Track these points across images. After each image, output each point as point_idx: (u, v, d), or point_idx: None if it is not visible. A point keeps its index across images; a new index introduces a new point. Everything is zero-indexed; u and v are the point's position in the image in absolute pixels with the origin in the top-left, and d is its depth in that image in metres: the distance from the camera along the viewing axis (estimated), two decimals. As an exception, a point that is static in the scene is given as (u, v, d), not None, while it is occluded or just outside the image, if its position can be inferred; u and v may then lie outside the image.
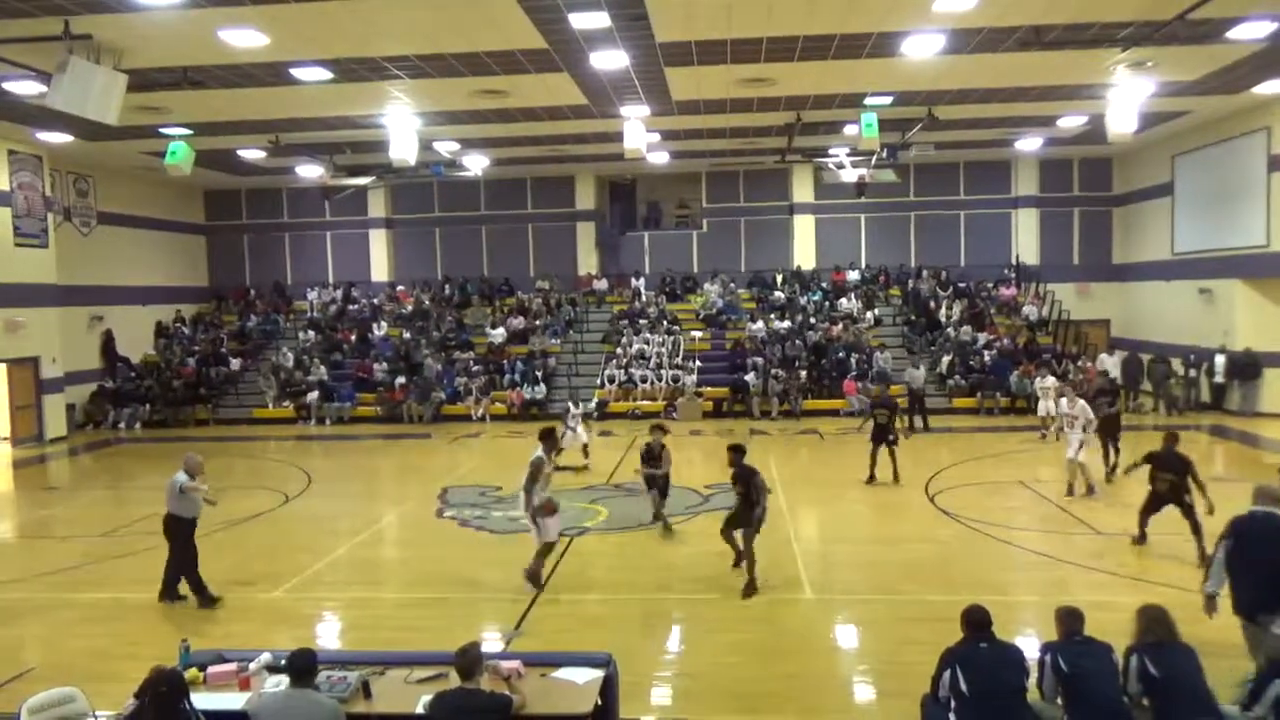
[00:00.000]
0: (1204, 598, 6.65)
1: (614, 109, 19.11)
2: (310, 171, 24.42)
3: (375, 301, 28.83)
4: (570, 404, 18.19)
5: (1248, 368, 21.15)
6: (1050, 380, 18.95)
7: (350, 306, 28.75)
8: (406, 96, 17.76)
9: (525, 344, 26.15)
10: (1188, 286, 23.50)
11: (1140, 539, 10.85)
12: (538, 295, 28.56)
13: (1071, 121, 21.76)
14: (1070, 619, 5.64)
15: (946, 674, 5.40)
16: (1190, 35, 13.93)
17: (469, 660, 5.19)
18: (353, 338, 26.99)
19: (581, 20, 13.36)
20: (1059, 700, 5.39)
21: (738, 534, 9.78)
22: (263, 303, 29.42)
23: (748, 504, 9.61)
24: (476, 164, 24.73)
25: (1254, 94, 19.14)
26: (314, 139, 21.49)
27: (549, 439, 9.96)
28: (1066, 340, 25.14)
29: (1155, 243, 25.47)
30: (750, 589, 9.37)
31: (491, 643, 8.22)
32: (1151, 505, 10.62)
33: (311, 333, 27.43)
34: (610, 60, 15.46)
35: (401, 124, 19.12)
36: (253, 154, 23.37)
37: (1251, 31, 14.21)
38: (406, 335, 26.75)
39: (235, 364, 26.29)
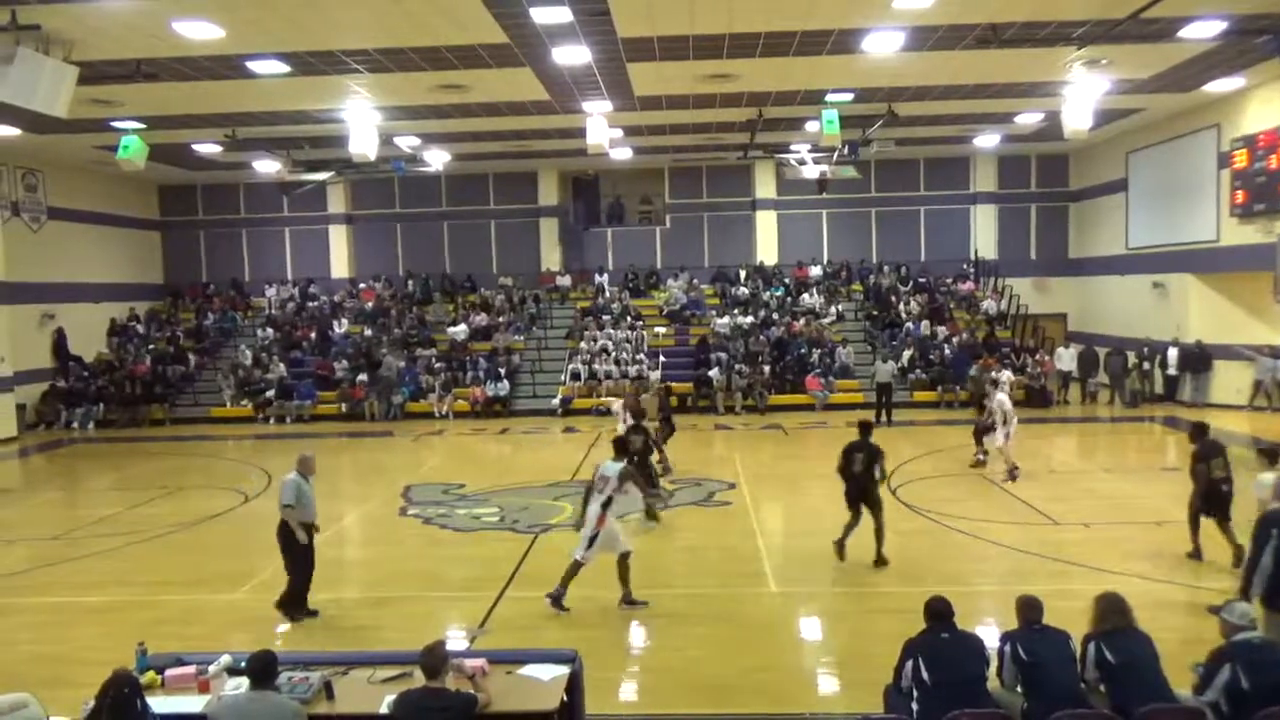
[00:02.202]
0: (1247, 599, 6.37)
1: (576, 104, 19.04)
2: (268, 166, 24.04)
3: (335, 298, 28.49)
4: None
5: (1199, 360, 21.62)
6: (1006, 374, 19.20)
7: (309, 303, 28.39)
8: (366, 91, 17.56)
9: (488, 340, 26.00)
10: (1141, 281, 23.96)
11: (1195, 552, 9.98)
12: (500, 291, 28.41)
13: (1029, 119, 22.07)
14: (1029, 608, 5.72)
15: (909, 664, 5.45)
16: (1143, 34, 14.17)
17: (434, 659, 5.13)
18: (312, 335, 26.64)
19: (543, 15, 13.28)
20: (1019, 688, 5.47)
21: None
22: (220, 300, 28.93)
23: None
24: (438, 159, 24.53)
25: (1204, 92, 19.53)
26: (271, 133, 21.15)
27: (625, 450, 9.38)
28: (1024, 334, 25.52)
29: (1110, 238, 25.94)
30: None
31: (457, 641, 8.17)
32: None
33: (270, 330, 27.02)
34: (572, 55, 15.39)
35: (361, 119, 18.91)
36: (208, 148, 22.95)
37: (1202, 31, 14.49)
38: (367, 332, 26.47)
39: (192, 362, 25.84)
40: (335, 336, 26.50)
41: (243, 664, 5.44)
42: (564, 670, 5.76)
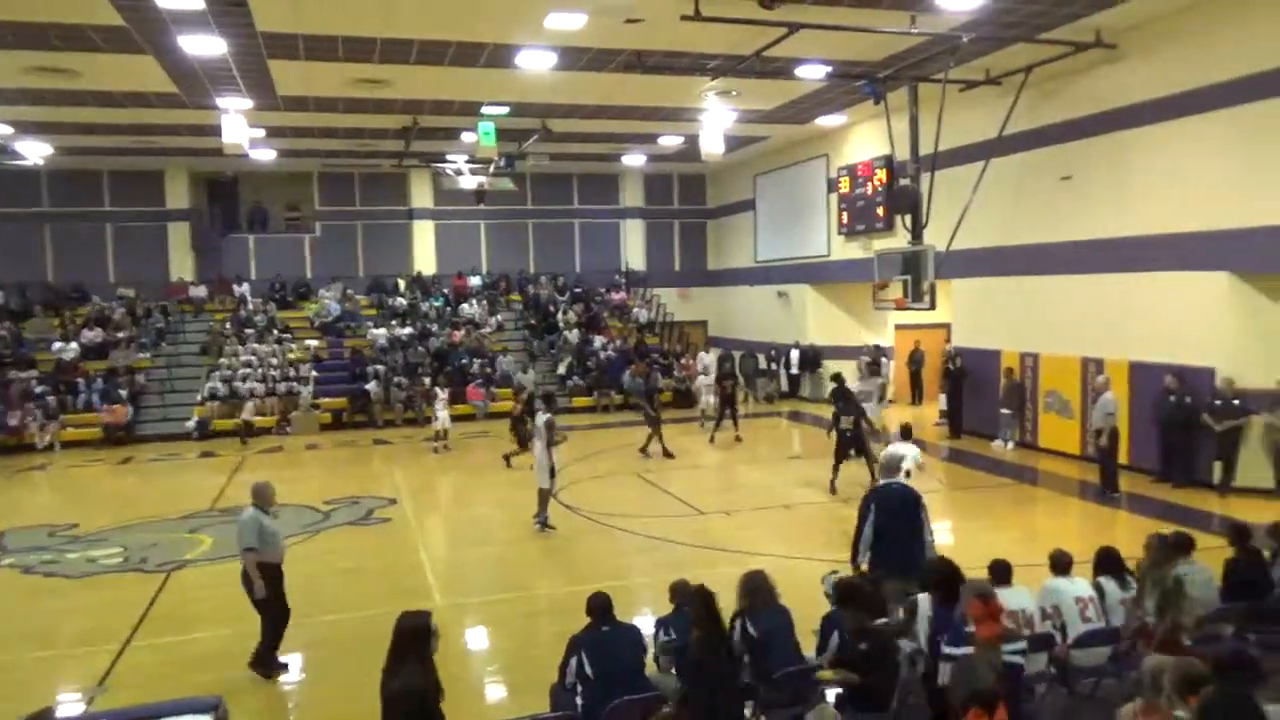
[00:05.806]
0: (856, 570, 7.22)
1: (210, 100, 17.44)
2: None
3: (-105, 313, 23.65)
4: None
5: (814, 360, 24.62)
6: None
7: None
8: (-64, 65, 14.82)
9: (105, 359, 22.98)
10: (768, 290, 26.75)
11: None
12: (120, 303, 25.25)
13: (671, 140, 23.76)
14: (680, 594, 6.10)
15: (573, 660, 5.59)
16: (765, 71, 15.82)
17: (36, 728, 4.38)
18: None
19: (167, -2, 12.01)
20: (672, 670, 5.80)
21: None
22: None
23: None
24: (34, 151, 21.27)
25: (816, 125, 22.23)
26: None
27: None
28: (671, 340, 27.53)
29: (741, 251, 28.69)
30: None
31: (70, 705, 7.08)
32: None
33: None
34: (203, 46, 14.06)
35: (-70, 98, 15.91)
36: None
37: (811, 72, 16.46)
38: (-57, 352, 22.27)
39: None
40: (-102, 358, 22.00)
41: None
42: (206, 719, 5.20)
